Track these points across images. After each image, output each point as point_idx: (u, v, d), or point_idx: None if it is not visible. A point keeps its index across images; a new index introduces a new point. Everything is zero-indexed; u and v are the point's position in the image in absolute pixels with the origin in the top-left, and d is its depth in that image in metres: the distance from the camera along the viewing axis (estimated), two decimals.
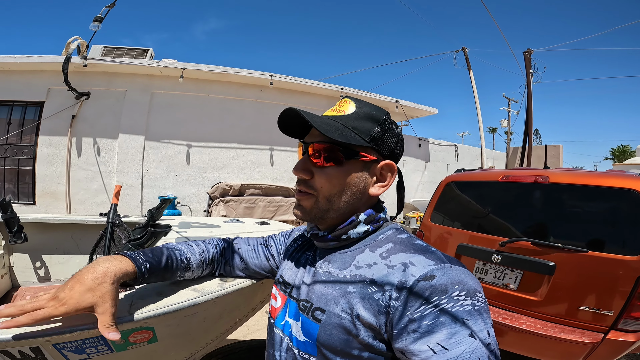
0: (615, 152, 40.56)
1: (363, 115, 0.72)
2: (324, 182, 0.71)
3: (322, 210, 0.73)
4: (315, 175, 0.72)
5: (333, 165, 0.70)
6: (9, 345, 0.73)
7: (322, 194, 0.72)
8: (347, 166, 0.71)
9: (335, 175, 0.71)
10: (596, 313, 1.98)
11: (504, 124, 17.53)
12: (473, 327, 0.56)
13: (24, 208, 5.30)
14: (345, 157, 0.70)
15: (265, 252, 0.99)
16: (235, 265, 1.01)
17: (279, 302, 0.81)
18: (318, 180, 0.72)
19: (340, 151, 0.69)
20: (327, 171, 0.71)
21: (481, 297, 0.59)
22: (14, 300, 2.11)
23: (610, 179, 2.17)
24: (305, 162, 0.73)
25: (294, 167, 0.74)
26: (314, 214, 0.74)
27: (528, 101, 9.57)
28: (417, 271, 0.61)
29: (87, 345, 0.79)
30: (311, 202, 0.73)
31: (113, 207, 1.94)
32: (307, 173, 0.72)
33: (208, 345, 1.22)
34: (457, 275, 0.60)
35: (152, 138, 6.11)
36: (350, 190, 0.72)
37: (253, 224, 2.19)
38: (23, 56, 5.36)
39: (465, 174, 3.06)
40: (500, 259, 2.36)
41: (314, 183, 0.72)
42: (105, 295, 0.69)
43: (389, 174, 0.75)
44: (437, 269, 0.60)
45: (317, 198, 0.72)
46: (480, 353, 0.55)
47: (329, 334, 0.66)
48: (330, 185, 0.71)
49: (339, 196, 0.72)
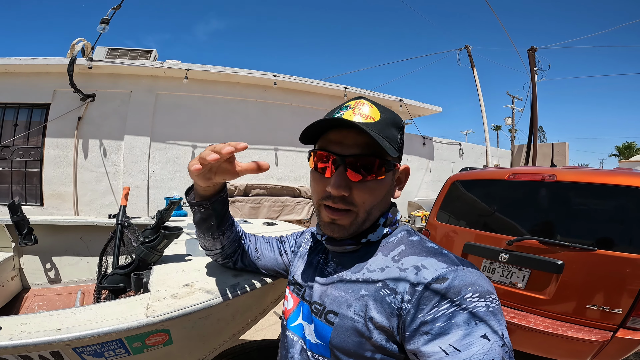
0: (621, 149, 40.20)
1: (390, 121, 0.70)
2: (367, 196, 0.69)
3: (360, 224, 0.71)
4: (354, 189, 0.68)
5: (374, 178, 0.68)
6: (29, 350, 0.74)
7: (364, 208, 0.70)
8: (386, 178, 0.70)
9: (376, 188, 0.69)
10: (605, 311, 1.97)
11: (508, 121, 17.44)
12: (486, 328, 0.56)
13: (32, 210, 5.33)
14: (385, 169, 0.69)
15: (279, 246, 1.02)
16: (251, 255, 1.04)
17: (292, 304, 0.82)
18: (359, 195, 0.68)
19: (382, 164, 0.68)
20: (369, 185, 0.68)
21: (494, 299, 0.59)
22: (25, 302, 2.13)
23: (619, 177, 2.16)
24: (343, 178, 0.67)
25: (332, 185, 0.67)
26: (352, 230, 0.71)
27: (533, 99, 9.53)
28: (429, 274, 0.61)
29: (105, 349, 0.80)
30: (350, 218, 0.70)
31: (122, 209, 1.96)
32: (347, 189, 0.67)
33: (221, 347, 1.23)
34: (469, 277, 0.60)
35: (158, 139, 6.13)
36: (385, 199, 0.73)
37: (261, 225, 2.20)
38: (28, 58, 5.38)
39: (471, 173, 3.06)
40: (507, 257, 2.35)
41: (353, 198, 0.68)
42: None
43: (405, 177, 0.77)
44: (450, 272, 0.60)
45: (358, 213, 0.70)
46: (494, 354, 0.54)
47: (342, 336, 0.66)
48: (373, 199, 0.70)
49: (377, 208, 0.72)
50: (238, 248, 1.04)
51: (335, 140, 0.68)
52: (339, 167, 0.67)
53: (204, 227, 0.91)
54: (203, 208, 0.85)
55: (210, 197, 0.84)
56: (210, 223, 0.89)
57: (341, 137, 0.68)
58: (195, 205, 0.85)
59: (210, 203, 0.84)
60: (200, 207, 0.85)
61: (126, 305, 0.91)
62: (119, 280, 1.19)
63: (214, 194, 0.84)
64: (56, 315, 0.84)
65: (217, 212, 0.88)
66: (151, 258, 1.20)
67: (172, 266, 1.23)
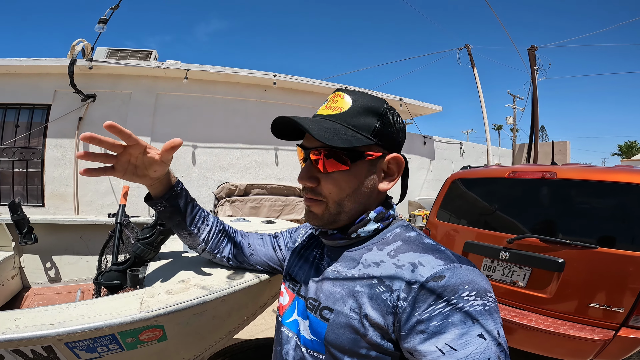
0: (623, 148, 40.15)
1: (361, 109, 0.68)
2: (332, 187, 0.69)
3: (334, 215, 0.71)
4: (321, 181, 0.69)
5: (339, 169, 0.68)
6: (21, 344, 0.74)
7: (332, 199, 0.70)
8: (354, 168, 0.68)
9: (343, 179, 0.68)
10: (607, 310, 1.96)
11: (509, 120, 17.42)
12: (483, 327, 0.55)
13: (33, 210, 5.34)
14: (350, 160, 0.67)
15: (272, 242, 1.02)
16: (244, 251, 1.04)
17: (287, 300, 0.81)
18: (325, 186, 0.69)
19: (345, 155, 0.66)
20: (334, 176, 0.68)
21: (491, 297, 0.58)
22: (25, 301, 2.13)
23: (620, 174, 2.14)
24: (310, 169, 0.70)
25: (299, 177, 0.71)
26: (326, 219, 0.72)
27: (533, 98, 9.52)
28: (426, 271, 0.60)
29: (98, 344, 0.80)
30: (322, 208, 0.71)
31: (121, 208, 1.96)
32: (312, 180, 0.70)
33: (216, 344, 1.22)
34: (467, 275, 0.59)
35: (158, 139, 6.14)
36: (359, 191, 0.70)
37: (259, 223, 2.19)
38: (29, 59, 5.41)
39: (471, 171, 3.05)
40: (508, 256, 2.34)
41: (321, 190, 0.70)
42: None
43: (396, 168, 0.73)
44: (447, 269, 0.59)
45: (327, 204, 0.70)
46: (490, 354, 0.54)
47: (337, 333, 0.66)
48: (339, 190, 0.69)
49: (349, 199, 0.70)
50: (224, 241, 1.03)
51: (307, 135, 0.72)
52: (307, 160, 0.71)
53: (173, 224, 0.95)
54: (162, 207, 0.90)
55: (163, 194, 0.89)
56: (176, 220, 0.93)
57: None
58: (153, 206, 0.91)
59: (166, 200, 0.89)
60: (158, 206, 0.90)
61: (120, 300, 0.90)
62: (115, 277, 1.19)
63: (166, 190, 0.89)
64: (50, 311, 0.84)
65: (178, 207, 0.92)
66: (147, 254, 1.19)
67: (168, 262, 1.22)
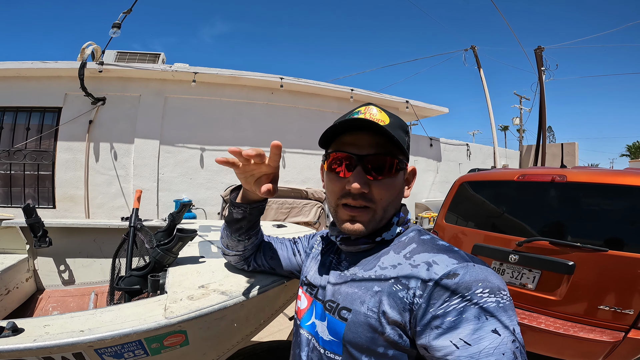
0: (631, 149, 39.69)
1: (396, 125, 0.74)
2: (384, 193, 0.73)
3: (378, 221, 0.74)
4: (372, 187, 0.72)
5: (390, 176, 0.73)
6: (53, 351, 0.76)
7: (381, 205, 0.73)
8: (398, 176, 0.74)
9: (392, 185, 0.73)
10: (616, 312, 1.96)
11: (516, 121, 17.31)
12: (497, 323, 0.56)
13: (44, 212, 5.40)
14: (399, 168, 0.74)
15: (292, 247, 1.05)
16: (265, 254, 1.07)
17: (305, 304, 0.84)
18: (377, 191, 0.72)
19: (396, 163, 0.73)
20: (385, 182, 0.72)
21: (505, 295, 0.60)
22: (39, 303, 2.17)
23: (629, 178, 2.14)
24: (362, 176, 0.71)
25: (353, 183, 0.71)
26: (371, 227, 0.74)
27: (541, 99, 9.45)
28: (440, 269, 0.62)
29: (125, 350, 0.82)
30: (369, 215, 0.73)
31: (135, 212, 1.98)
32: (366, 186, 0.72)
33: (234, 347, 1.25)
34: (480, 274, 0.61)
35: (167, 142, 6.21)
36: (398, 197, 0.77)
37: (270, 227, 2.22)
38: (39, 62, 5.48)
39: (479, 174, 3.05)
40: (517, 258, 2.34)
41: (372, 195, 0.73)
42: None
43: (412, 177, 0.82)
44: (460, 267, 0.61)
45: (375, 210, 0.73)
46: (505, 349, 0.54)
47: (355, 332, 0.68)
48: (389, 195, 0.74)
49: (391, 205, 0.75)
50: (255, 252, 1.07)
51: (350, 142, 0.73)
52: (357, 167, 0.71)
53: (235, 227, 0.95)
54: (241, 210, 0.90)
55: (252, 202, 0.90)
56: (241, 224, 0.94)
57: (355, 139, 0.72)
58: (235, 206, 0.90)
59: (250, 207, 0.90)
60: (239, 208, 0.90)
61: (145, 306, 0.93)
62: (136, 282, 1.21)
63: (257, 200, 0.90)
64: (78, 317, 0.86)
65: (252, 217, 0.93)
66: (166, 260, 1.22)
67: (187, 268, 1.25)
